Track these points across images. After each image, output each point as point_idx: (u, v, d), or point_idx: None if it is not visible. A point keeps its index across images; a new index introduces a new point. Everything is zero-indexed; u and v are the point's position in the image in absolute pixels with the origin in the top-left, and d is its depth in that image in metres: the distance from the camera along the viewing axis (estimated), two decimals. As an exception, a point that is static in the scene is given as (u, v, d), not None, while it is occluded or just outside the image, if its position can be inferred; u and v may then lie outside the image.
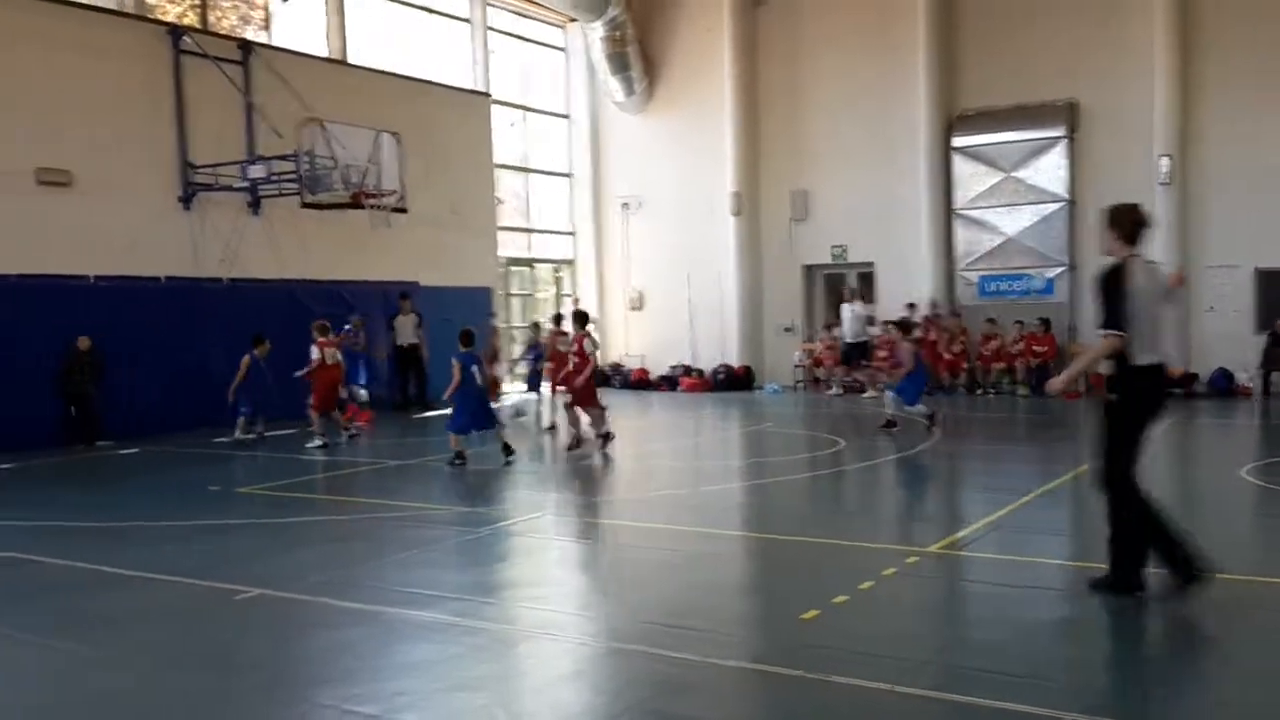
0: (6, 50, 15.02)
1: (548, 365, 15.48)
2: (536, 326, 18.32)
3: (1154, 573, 6.43)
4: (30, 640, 6.17)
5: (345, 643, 5.97)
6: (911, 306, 20.47)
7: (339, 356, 14.55)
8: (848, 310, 21.74)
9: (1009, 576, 7.26)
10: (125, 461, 13.94)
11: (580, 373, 13.19)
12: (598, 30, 24.07)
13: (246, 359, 14.83)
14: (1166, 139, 20.05)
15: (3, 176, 14.94)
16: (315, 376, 14.34)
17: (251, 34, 19.03)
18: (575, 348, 13.46)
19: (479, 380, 12.28)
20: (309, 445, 14.10)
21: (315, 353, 14.29)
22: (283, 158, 16.37)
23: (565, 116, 26.20)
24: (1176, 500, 10.82)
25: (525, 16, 24.94)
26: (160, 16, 17.61)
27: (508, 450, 12.34)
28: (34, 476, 12.86)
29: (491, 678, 5.46)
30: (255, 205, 17.99)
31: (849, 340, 21.57)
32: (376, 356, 18.80)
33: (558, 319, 16.15)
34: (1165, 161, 20.04)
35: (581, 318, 14.00)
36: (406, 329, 19.67)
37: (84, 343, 15.15)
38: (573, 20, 24.98)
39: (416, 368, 19.83)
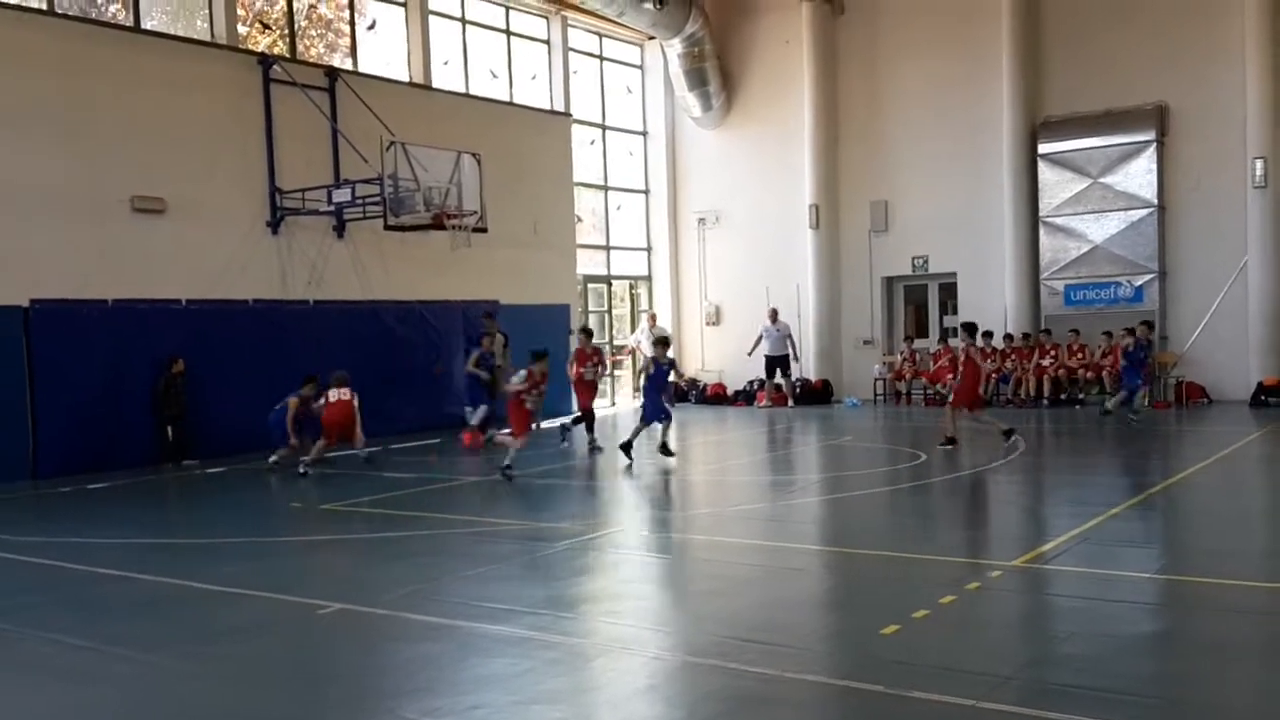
0: (104, 81, 15.55)
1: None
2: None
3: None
4: (120, 653, 6.34)
5: (424, 656, 6.05)
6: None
7: (347, 397, 14.55)
8: (773, 329, 22.65)
9: (1095, 591, 7.08)
10: (214, 480, 14.29)
11: (964, 378, 14.64)
12: (676, 47, 24.16)
13: (295, 400, 14.95)
14: (1261, 141, 19.45)
15: (100, 204, 15.47)
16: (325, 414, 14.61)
17: (338, 61, 19.48)
18: (964, 357, 14.68)
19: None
20: (362, 458, 14.42)
21: (318, 401, 14.70)
22: (367, 181, 16.68)
23: (643, 133, 26.33)
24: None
25: (603, 35, 25.15)
26: (251, 47, 18.12)
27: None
28: (125, 496, 13.23)
29: (567, 691, 5.47)
30: (340, 228, 18.38)
31: (770, 354, 22.67)
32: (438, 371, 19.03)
33: (971, 330, 15.25)
34: (1260, 164, 19.43)
35: (970, 329, 15.12)
36: (494, 348, 18.97)
37: (178, 365, 15.60)
38: (651, 38, 25.12)
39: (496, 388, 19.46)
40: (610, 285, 25.78)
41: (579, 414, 16.21)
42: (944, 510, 11.01)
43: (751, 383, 24.09)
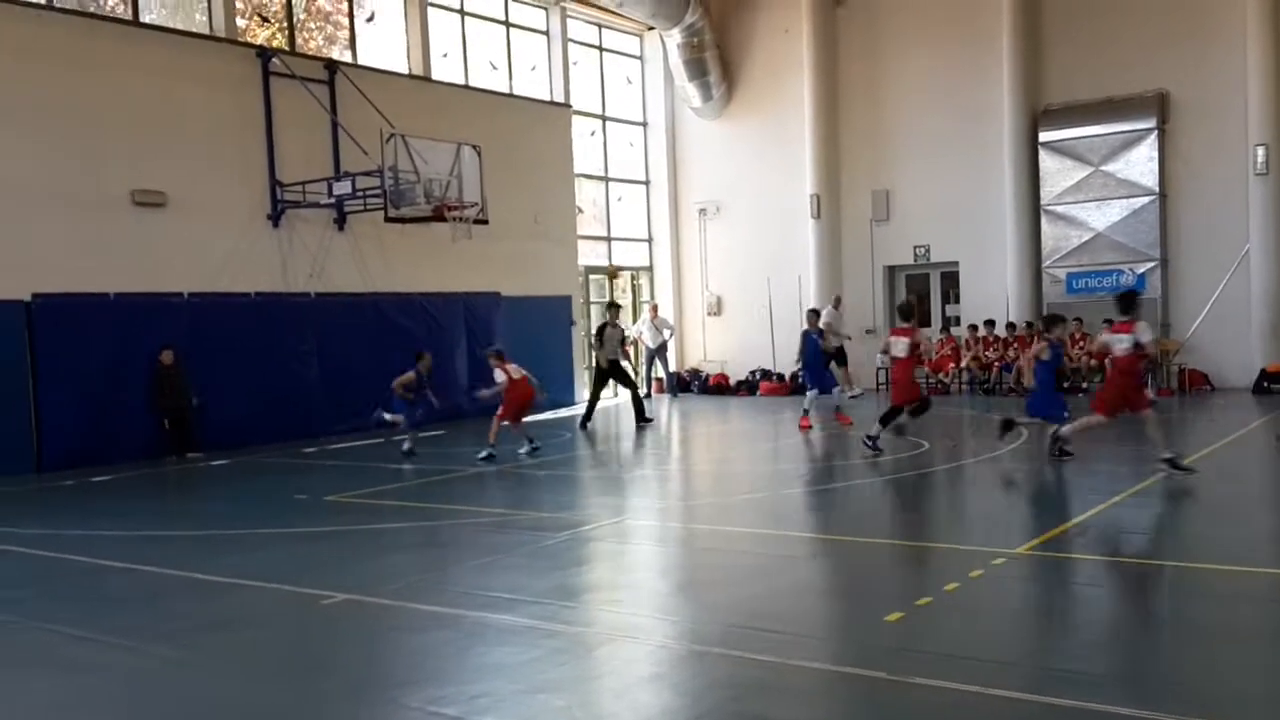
0: (104, 75, 15.53)
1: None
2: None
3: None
4: (123, 644, 6.35)
5: (428, 646, 6.05)
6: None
7: (524, 372, 14.13)
8: (828, 315, 21.43)
9: (1098, 578, 7.08)
10: (217, 472, 14.30)
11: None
12: (675, 37, 24.12)
13: (411, 374, 14.76)
14: (1262, 128, 19.40)
15: (101, 198, 15.47)
16: (506, 392, 13.95)
17: (337, 54, 19.44)
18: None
19: None
20: (478, 456, 13.74)
21: (500, 375, 13.97)
22: (367, 174, 16.67)
23: (643, 124, 26.29)
24: None
25: (603, 26, 25.09)
26: (250, 40, 18.08)
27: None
28: (129, 488, 13.25)
29: (571, 680, 5.48)
30: (341, 221, 18.37)
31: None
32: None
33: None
34: (1261, 151, 19.39)
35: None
36: (614, 343, 18.00)
37: (167, 357, 15.58)
38: (650, 28, 25.07)
39: (623, 380, 18.49)
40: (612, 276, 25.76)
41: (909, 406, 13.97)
42: (948, 498, 11.01)
43: (753, 373, 24.07)
